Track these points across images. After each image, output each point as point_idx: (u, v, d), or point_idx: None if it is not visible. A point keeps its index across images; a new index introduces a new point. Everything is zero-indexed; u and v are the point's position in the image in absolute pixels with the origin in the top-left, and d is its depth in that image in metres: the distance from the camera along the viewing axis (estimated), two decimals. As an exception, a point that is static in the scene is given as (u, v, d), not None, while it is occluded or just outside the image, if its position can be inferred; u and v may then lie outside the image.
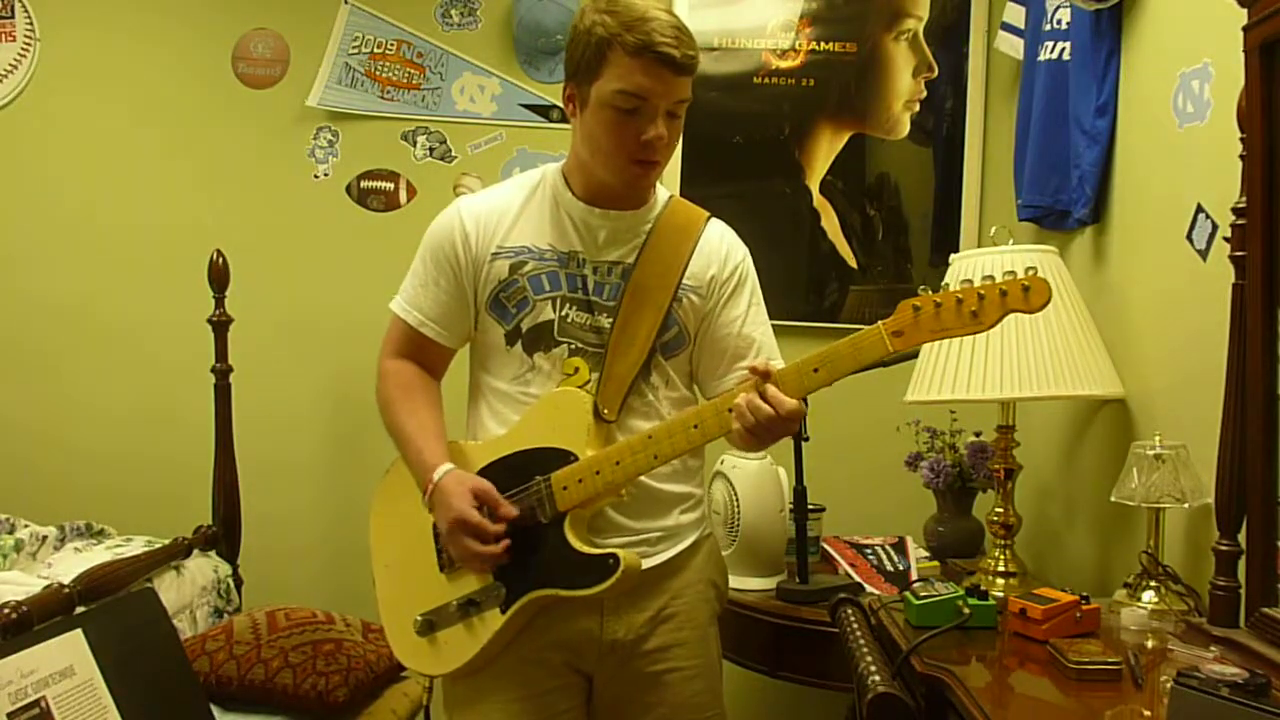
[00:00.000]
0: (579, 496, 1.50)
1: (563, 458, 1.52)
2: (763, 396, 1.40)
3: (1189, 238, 1.81)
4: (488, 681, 1.58)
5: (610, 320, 1.57)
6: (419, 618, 1.59)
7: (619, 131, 1.50)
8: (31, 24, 2.98)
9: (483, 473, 1.57)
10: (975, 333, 1.34)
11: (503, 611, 1.53)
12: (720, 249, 1.65)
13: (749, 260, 1.68)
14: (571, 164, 1.62)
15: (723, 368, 1.63)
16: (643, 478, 1.56)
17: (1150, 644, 1.57)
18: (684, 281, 1.60)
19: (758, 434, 1.42)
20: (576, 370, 1.57)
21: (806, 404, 2.00)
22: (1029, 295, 1.28)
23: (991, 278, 1.31)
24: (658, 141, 1.50)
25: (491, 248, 1.60)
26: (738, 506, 2.23)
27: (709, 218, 1.68)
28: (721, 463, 2.30)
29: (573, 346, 1.57)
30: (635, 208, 1.61)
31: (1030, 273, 1.29)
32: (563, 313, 1.58)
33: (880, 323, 1.36)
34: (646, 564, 1.56)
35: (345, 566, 2.83)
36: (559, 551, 1.51)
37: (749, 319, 1.64)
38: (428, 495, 1.56)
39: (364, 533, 1.71)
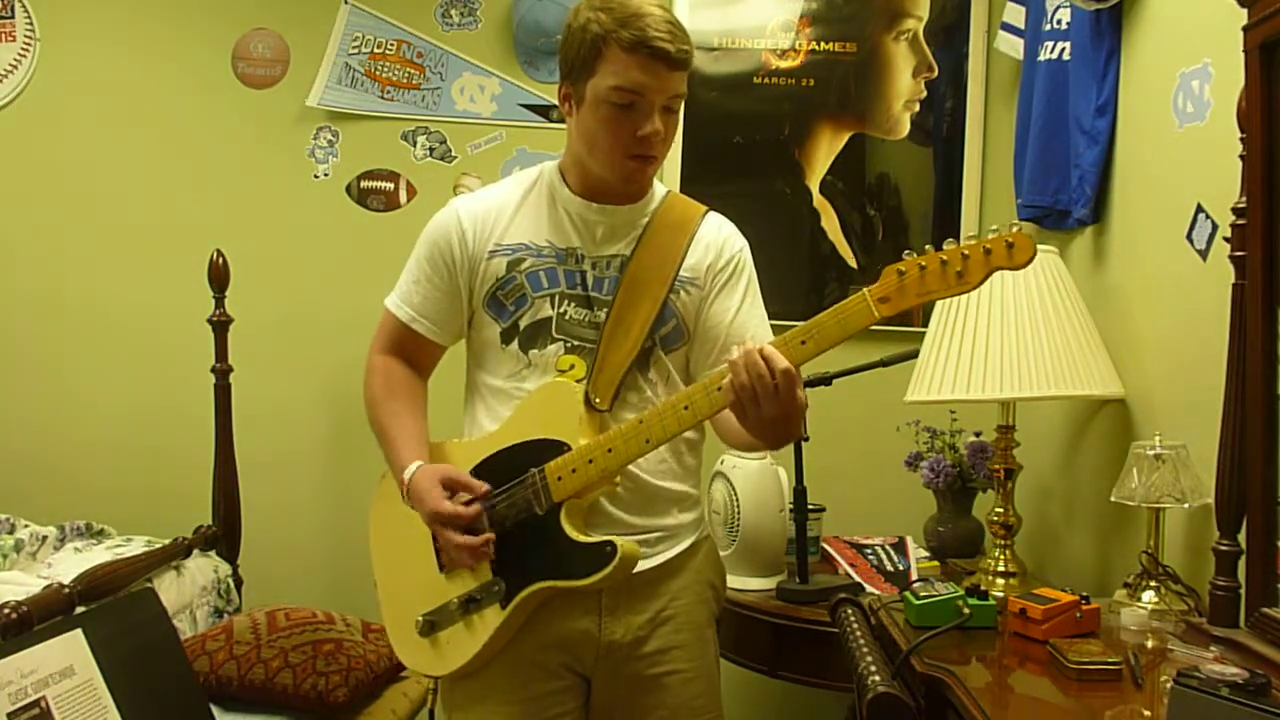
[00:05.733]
0: (574, 486, 1.49)
1: (556, 448, 1.51)
2: (760, 354, 1.33)
3: (1189, 238, 1.81)
4: (486, 684, 1.57)
5: (608, 313, 1.57)
6: (420, 618, 1.59)
7: (615, 127, 1.50)
8: (31, 24, 2.98)
9: (477, 469, 1.57)
10: (962, 293, 1.29)
11: (503, 607, 1.53)
12: (718, 239, 1.64)
13: (747, 252, 1.67)
14: (568, 161, 1.61)
15: (714, 355, 1.60)
16: (639, 473, 1.55)
17: (1150, 644, 1.57)
18: (681, 274, 1.59)
19: (755, 411, 1.34)
20: (572, 367, 1.56)
21: (806, 401, 2.01)
22: (1013, 252, 1.24)
23: (975, 237, 1.28)
24: (654, 137, 1.50)
25: (489, 245, 1.59)
26: (738, 506, 2.23)
27: (707, 211, 1.67)
28: (721, 463, 2.30)
29: (569, 344, 1.57)
30: (633, 202, 1.61)
31: (1014, 229, 1.25)
32: (561, 309, 1.57)
33: (865, 289, 1.31)
34: (645, 565, 1.56)
35: (345, 566, 2.84)
36: (556, 543, 1.50)
37: (744, 308, 1.62)
38: (405, 496, 1.56)
39: (364, 533, 1.71)
